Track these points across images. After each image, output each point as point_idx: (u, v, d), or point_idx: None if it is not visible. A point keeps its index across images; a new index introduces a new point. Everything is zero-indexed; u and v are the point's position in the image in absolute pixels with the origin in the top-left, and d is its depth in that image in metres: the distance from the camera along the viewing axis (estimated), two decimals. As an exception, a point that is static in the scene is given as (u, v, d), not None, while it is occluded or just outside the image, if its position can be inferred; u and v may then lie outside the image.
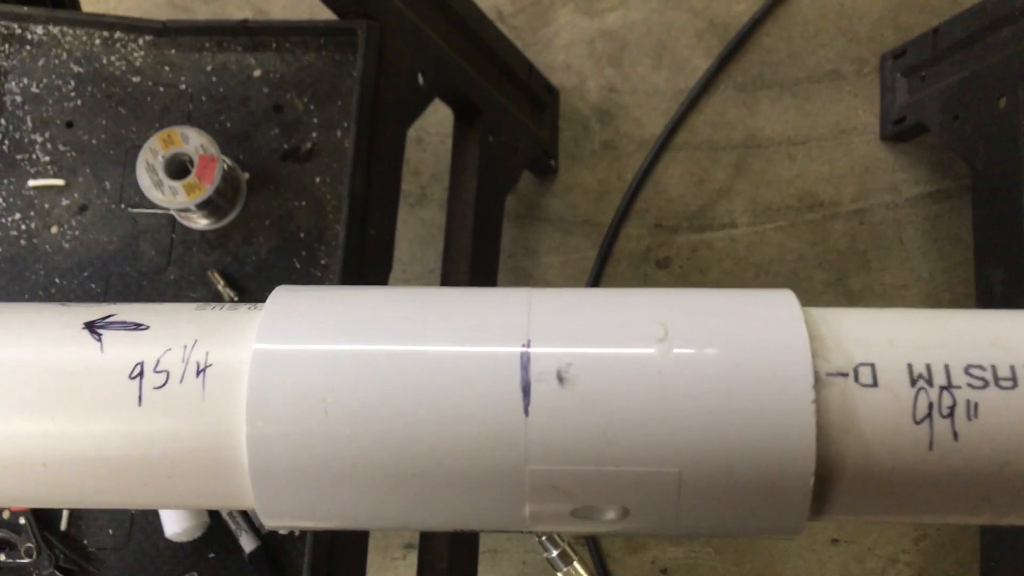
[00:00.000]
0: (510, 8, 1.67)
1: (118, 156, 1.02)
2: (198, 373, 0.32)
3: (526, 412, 0.30)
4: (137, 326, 0.33)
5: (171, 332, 0.33)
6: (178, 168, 0.95)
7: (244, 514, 0.93)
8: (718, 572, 1.44)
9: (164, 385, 0.32)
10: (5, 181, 1.01)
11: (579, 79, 1.65)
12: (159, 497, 0.33)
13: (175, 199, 0.93)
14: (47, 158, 1.02)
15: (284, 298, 0.33)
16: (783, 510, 0.34)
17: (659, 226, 1.57)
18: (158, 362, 0.32)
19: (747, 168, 1.57)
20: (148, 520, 0.94)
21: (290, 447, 0.31)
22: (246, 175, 1.01)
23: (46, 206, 1.01)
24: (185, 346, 0.32)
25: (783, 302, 0.36)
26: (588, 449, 0.30)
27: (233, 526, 0.92)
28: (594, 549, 1.47)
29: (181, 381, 0.32)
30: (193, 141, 0.94)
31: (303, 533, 0.93)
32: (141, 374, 0.32)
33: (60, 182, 1.01)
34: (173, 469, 0.32)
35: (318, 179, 1.01)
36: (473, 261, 1.28)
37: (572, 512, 0.31)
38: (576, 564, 0.87)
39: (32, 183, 1.01)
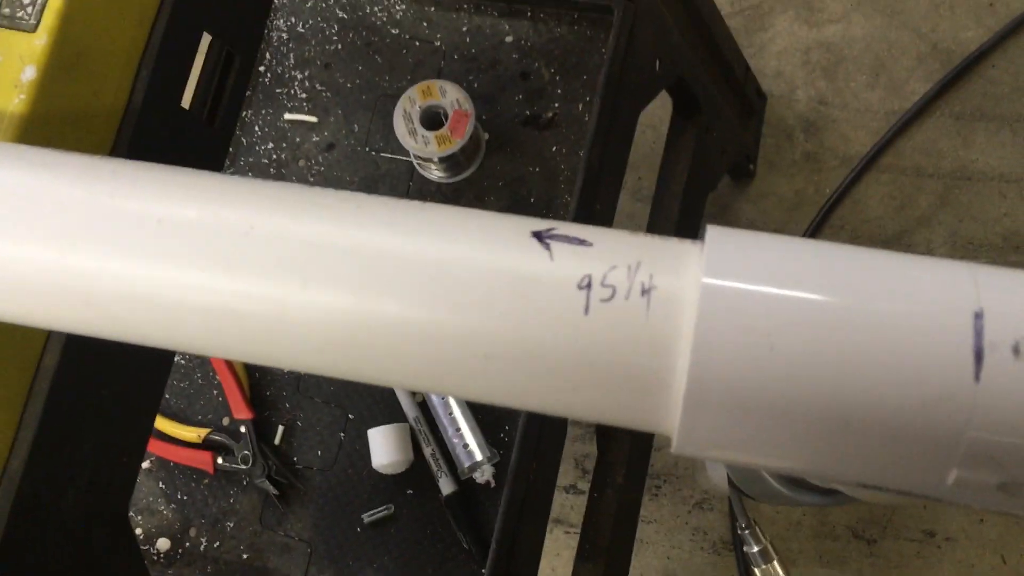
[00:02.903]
0: (729, 8, 1.66)
1: (369, 101, 1.06)
2: (643, 293, 0.34)
3: (976, 378, 0.31)
4: (581, 241, 0.35)
5: (614, 252, 0.35)
6: (431, 119, 0.98)
7: (447, 458, 0.96)
8: (866, 602, 1.41)
9: (611, 299, 0.34)
10: (264, 112, 1.07)
11: (789, 88, 1.63)
12: (582, 405, 0.35)
13: (426, 148, 0.97)
14: (304, 95, 1.07)
15: (722, 237, 0.35)
16: None
17: (852, 245, 1.54)
18: (605, 277, 0.34)
19: (953, 200, 1.53)
20: (356, 448, 0.98)
21: (729, 376, 0.32)
22: (486, 135, 1.04)
23: (297, 140, 1.07)
24: (629, 267, 0.34)
25: None
26: (1038, 424, 0.30)
27: (435, 468, 0.96)
28: (739, 556, 1.46)
29: (627, 298, 0.34)
30: (450, 95, 0.98)
31: (499, 486, 0.96)
32: (589, 286, 0.34)
33: (313, 119, 1.06)
34: (606, 379, 0.34)
35: (554, 148, 1.04)
36: (672, 252, 1.29)
37: (999, 485, 0.32)
38: (776, 563, 0.88)
39: (288, 116, 1.07)
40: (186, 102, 0.54)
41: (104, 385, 0.51)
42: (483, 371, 0.35)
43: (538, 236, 0.36)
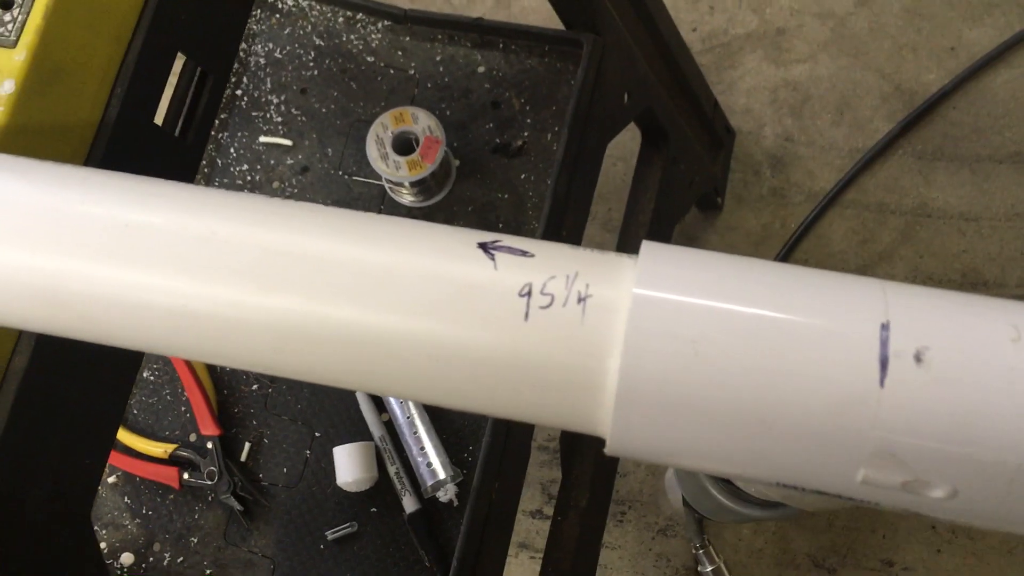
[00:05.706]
0: (700, 46, 1.71)
1: (343, 127, 1.09)
2: (579, 301, 0.36)
3: (881, 384, 0.33)
4: (523, 253, 0.38)
5: (555, 263, 0.37)
6: (403, 145, 1.01)
7: (411, 477, 0.98)
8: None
9: (549, 306, 0.36)
10: (240, 134, 1.10)
11: (757, 124, 1.67)
12: (521, 406, 0.38)
13: (397, 172, 0.99)
14: (279, 119, 1.10)
15: (655, 252, 0.37)
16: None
17: (816, 278, 1.57)
18: (544, 286, 0.36)
19: (914, 235, 1.57)
20: (321, 466, 1.00)
21: (657, 379, 0.35)
22: (457, 161, 1.06)
23: (272, 162, 1.09)
24: (567, 276, 0.37)
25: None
26: (935, 427, 0.33)
27: (399, 487, 0.97)
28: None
29: (564, 305, 0.36)
30: (422, 122, 1.00)
31: (462, 504, 0.98)
32: (529, 294, 0.36)
33: (288, 142, 1.09)
34: (543, 381, 0.36)
35: (523, 175, 1.06)
36: (639, 280, 1.31)
37: (903, 484, 0.35)
38: (728, 581, 0.90)
39: (263, 139, 1.09)
40: (159, 118, 0.56)
41: (71, 388, 0.52)
42: (428, 372, 0.37)
43: (484, 247, 0.38)
